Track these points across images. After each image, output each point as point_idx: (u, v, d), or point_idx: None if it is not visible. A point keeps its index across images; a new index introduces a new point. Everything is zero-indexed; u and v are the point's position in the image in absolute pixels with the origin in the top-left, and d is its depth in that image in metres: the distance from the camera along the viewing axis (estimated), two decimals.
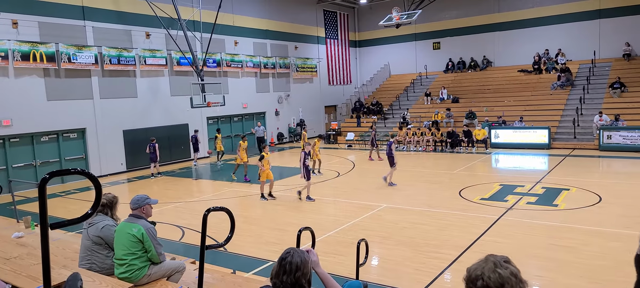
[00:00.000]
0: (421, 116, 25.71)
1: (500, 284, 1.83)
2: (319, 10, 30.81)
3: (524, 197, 11.81)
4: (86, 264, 4.73)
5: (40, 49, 16.69)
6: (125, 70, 19.55)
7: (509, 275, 1.84)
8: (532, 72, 26.75)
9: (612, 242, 8.14)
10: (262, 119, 26.82)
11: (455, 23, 30.09)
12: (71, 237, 6.92)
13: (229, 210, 3.70)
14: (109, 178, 18.38)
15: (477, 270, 1.89)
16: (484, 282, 1.84)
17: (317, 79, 30.81)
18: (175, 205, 12.93)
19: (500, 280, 1.83)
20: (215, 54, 23.22)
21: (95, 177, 2.14)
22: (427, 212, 10.77)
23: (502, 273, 1.84)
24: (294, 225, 9.92)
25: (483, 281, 1.85)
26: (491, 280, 1.83)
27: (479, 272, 1.88)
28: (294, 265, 2.55)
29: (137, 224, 4.53)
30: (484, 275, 1.86)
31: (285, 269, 2.55)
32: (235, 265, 7.66)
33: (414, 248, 8.33)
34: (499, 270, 1.85)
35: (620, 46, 24.97)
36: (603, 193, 11.73)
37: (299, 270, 2.54)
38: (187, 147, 22.29)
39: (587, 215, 9.92)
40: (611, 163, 16.98)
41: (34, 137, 17.08)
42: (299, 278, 2.54)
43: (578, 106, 21.89)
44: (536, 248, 8.04)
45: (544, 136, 20.66)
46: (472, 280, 1.88)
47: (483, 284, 1.85)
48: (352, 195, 13.20)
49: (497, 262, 1.89)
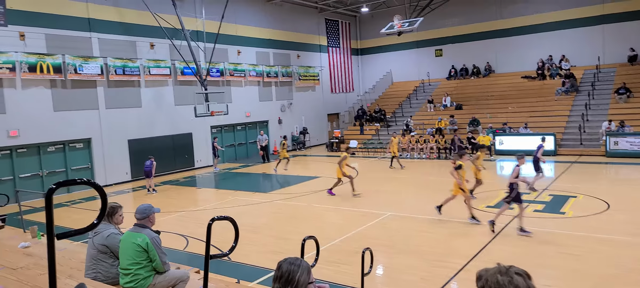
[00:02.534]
0: (424, 123, 25.67)
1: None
2: (321, 19, 30.96)
3: (530, 205, 11.73)
4: (91, 273, 4.74)
5: (47, 60, 16.85)
6: (130, 80, 19.68)
7: (506, 284, 1.81)
8: (536, 78, 26.67)
9: (621, 250, 8.05)
10: (265, 127, 26.87)
11: (457, 30, 30.12)
12: (77, 246, 6.94)
13: (233, 219, 3.71)
14: (114, 187, 18.45)
15: (482, 271, 1.91)
16: (482, 283, 1.87)
17: (319, 87, 30.88)
18: (180, 214, 12.94)
19: (496, 286, 1.82)
20: (219, 64, 23.34)
21: (101, 186, 2.16)
22: (433, 220, 10.71)
23: (499, 280, 1.82)
24: (298, 233, 9.90)
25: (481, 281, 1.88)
26: (488, 282, 1.85)
27: (483, 272, 1.90)
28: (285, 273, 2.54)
29: (142, 234, 4.54)
30: (488, 273, 1.87)
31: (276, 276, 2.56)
32: (240, 275, 7.65)
33: (419, 256, 8.28)
34: (499, 276, 1.83)
35: (624, 51, 24.89)
36: (611, 200, 11.61)
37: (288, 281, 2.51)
38: (191, 155, 22.37)
39: (595, 223, 9.82)
40: (618, 170, 16.85)
41: (41, 147, 17.19)
42: None
43: (583, 112, 21.80)
44: (544, 257, 7.97)
45: (549, 142, 20.55)
46: (477, 278, 1.92)
47: (481, 285, 1.87)
48: (356, 203, 13.17)
49: (503, 269, 1.87)
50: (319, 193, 14.73)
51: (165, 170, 20.90)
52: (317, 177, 17.98)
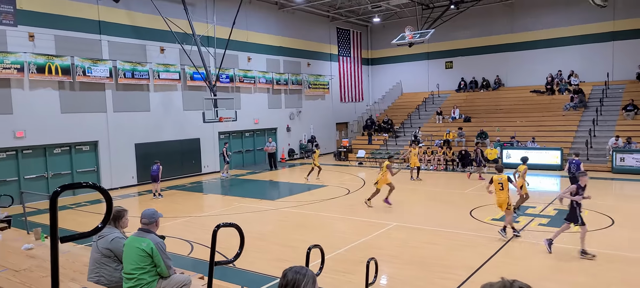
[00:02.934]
0: (433, 135, 25.57)
1: None
2: (332, 27, 31.05)
3: (535, 219, 11.62)
4: (95, 277, 4.72)
5: (56, 61, 16.96)
6: (139, 84, 19.78)
7: None
8: (545, 93, 26.54)
9: (624, 265, 7.96)
10: (273, 134, 26.89)
11: (468, 43, 30.06)
12: (81, 249, 6.92)
13: (239, 226, 3.67)
14: (120, 191, 18.48)
15: (486, 285, 1.94)
16: None
17: (329, 96, 30.90)
18: (185, 220, 12.92)
19: None
20: (229, 70, 23.43)
21: (107, 190, 2.13)
22: (438, 232, 10.63)
23: None
24: (303, 242, 9.84)
25: None
26: None
27: (488, 286, 1.92)
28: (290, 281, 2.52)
29: (147, 239, 4.51)
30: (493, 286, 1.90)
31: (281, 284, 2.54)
32: (244, 281, 7.60)
33: (424, 267, 8.20)
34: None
35: (633, 68, 24.71)
36: (615, 216, 11.51)
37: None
38: (198, 161, 22.39)
39: (600, 238, 9.71)
40: (624, 186, 16.68)
41: (47, 149, 17.26)
42: None
43: (591, 128, 21.62)
44: (548, 270, 7.89)
45: (556, 157, 20.39)
46: None
47: None
48: (362, 212, 13.09)
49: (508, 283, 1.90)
50: (326, 201, 14.67)
51: (172, 175, 20.93)
52: (325, 185, 17.92)
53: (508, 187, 9.96)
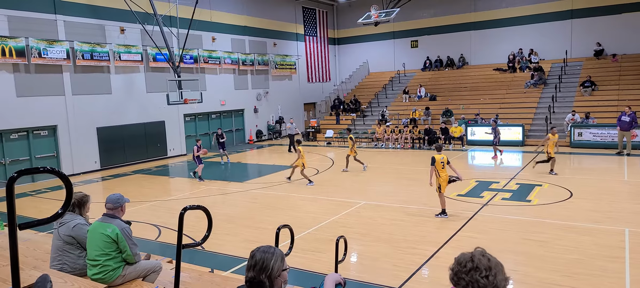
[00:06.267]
0: (399, 114, 25.91)
1: (488, 267, 2.00)
2: (298, 7, 30.72)
3: (499, 193, 12.04)
4: (57, 265, 4.59)
5: (10, 43, 16.15)
6: (98, 66, 19.09)
7: (496, 262, 2.04)
8: (507, 71, 27.26)
9: (583, 236, 8.35)
10: (240, 116, 26.61)
11: (432, 22, 30.42)
12: (42, 237, 6.72)
13: (206, 208, 3.64)
14: (82, 176, 17.96)
15: (466, 256, 2.07)
16: (474, 264, 2.01)
17: (296, 76, 30.73)
18: (152, 204, 12.71)
19: (488, 264, 2.01)
20: (193, 50, 22.90)
21: (66, 175, 2.07)
22: (405, 209, 10.86)
23: (490, 259, 2.03)
24: (272, 223, 9.87)
25: (473, 263, 2.01)
26: (481, 262, 2.01)
27: (469, 256, 2.05)
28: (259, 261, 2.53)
29: (112, 224, 4.41)
30: (474, 257, 2.03)
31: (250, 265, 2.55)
32: (213, 264, 7.59)
33: (392, 244, 8.38)
34: (488, 256, 2.05)
35: (591, 46, 25.66)
36: (574, 188, 12.06)
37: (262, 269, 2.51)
38: (163, 144, 21.95)
39: (559, 210, 10.17)
40: (582, 160, 17.44)
41: (3, 135, 16.55)
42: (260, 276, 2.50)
43: (550, 104, 22.41)
44: (510, 243, 8.21)
45: (518, 133, 21.09)
46: (461, 263, 2.05)
47: (472, 266, 2.01)
48: (331, 192, 13.21)
49: (485, 251, 2.10)
50: (295, 182, 14.70)
51: (137, 159, 20.45)
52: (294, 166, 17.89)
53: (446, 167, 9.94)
